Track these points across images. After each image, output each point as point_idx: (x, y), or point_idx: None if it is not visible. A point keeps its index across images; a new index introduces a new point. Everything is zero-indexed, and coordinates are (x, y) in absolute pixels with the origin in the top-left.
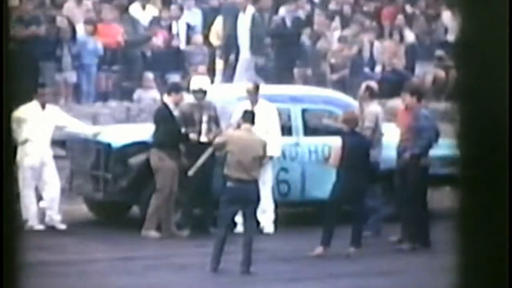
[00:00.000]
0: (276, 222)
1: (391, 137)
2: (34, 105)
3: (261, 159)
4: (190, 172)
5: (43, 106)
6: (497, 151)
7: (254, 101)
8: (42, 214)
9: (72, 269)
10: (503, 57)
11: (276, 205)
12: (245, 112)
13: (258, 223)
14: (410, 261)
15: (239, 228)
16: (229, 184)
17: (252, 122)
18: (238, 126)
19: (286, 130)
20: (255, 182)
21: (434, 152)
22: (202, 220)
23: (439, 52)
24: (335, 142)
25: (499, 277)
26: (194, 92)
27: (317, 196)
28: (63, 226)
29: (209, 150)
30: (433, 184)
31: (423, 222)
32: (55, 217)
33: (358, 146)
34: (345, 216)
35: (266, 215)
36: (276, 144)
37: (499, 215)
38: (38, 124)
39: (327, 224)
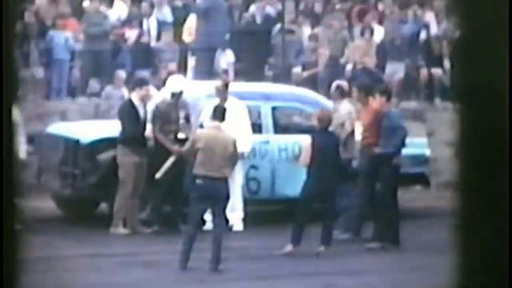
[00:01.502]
0: (245, 220)
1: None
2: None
3: (231, 157)
4: (158, 175)
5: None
6: (497, 152)
7: (223, 98)
8: None
9: (39, 266)
10: (503, 57)
11: (245, 203)
12: (215, 108)
13: (227, 221)
14: (380, 260)
15: (208, 226)
16: (198, 181)
17: (222, 118)
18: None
19: (257, 127)
20: (225, 180)
21: (405, 151)
22: (172, 217)
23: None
24: (305, 140)
25: (497, 276)
26: (173, 94)
27: (287, 194)
28: None
29: (175, 154)
30: (403, 183)
31: (393, 222)
32: None
33: (328, 144)
34: (315, 214)
35: (235, 213)
36: (246, 140)
37: (498, 216)
38: None
39: (297, 223)
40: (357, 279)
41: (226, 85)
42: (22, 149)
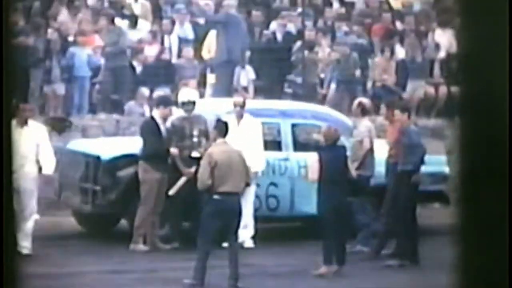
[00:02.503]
0: (262, 237)
1: (381, 153)
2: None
3: (246, 171)
4: (171, 192)
5: (25, 122)
6: (498, 164)
7: (240, 115)
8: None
9: (59, 282)
10: (503, 70)
11: (264, 220)
12: (217, 124)
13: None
14: (399, 278)
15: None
16: (215, 197)
17: (225, 133)
18: (214, 139)
19: (276, 145)
20: (238, 196)
21: (424, 168)
22: (191, 233)
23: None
24: (311, 157)
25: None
26: (183, 104)
27: (306, 211)
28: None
29: (187, 176)
30: (421, 201)
31: (412, 239)
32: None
33: (336, 159)
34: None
35: (246, 230)
36: (259, 159)
37: (500, 229)
38: (17, 142)
39: (325, 242)
40: None
41: (243, 102)
42: (51, 163)
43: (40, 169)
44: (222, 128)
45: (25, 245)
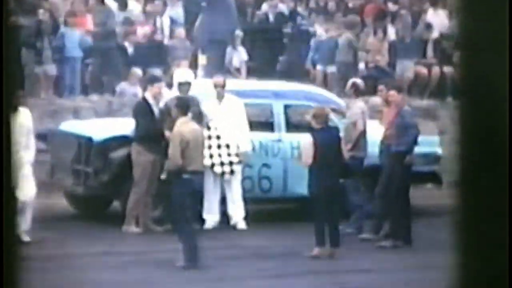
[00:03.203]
0: (247, 219)
1: (374, 134)
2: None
3: (203, 149)
4: (163, 176)
5: (15, 108)
6: (497, 151)
7: (221, 96)
8: None
9: (52, 264)
10: (503, 56)
11: (257, 201)
12: (178, 102)
13: (228, 219)
14: (391, 259)
15: (209, 224)
16: (186, 176)
17: (186, 112)
18: (176, 118)
19: (269, 126)
20: (203, 174)
21: (417, 149)
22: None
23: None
24: (305, 139)
25: (499, 276)
26: (181, 84)
27: (299, 192)
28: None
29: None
30: (414, 182)
31: (405, 220)
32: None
33: (330, 140)
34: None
35: (237, 212)
36: (245, 139)
37: (499, 215)
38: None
39: (317, 223)
40: (368, 277)
41: (224, 83)
42: (33, 148)
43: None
44: (183, 106)
45: (25, 231)
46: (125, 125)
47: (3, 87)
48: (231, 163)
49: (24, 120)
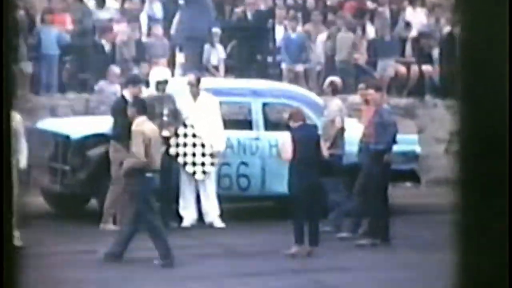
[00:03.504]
0: (223, 216)
1: (352, 132)
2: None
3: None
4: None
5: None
6: (496, 151)
7: (195, 94)
8: None
9: (28, 262)
10: (503, 56)
11: (235, 200)
12: (136, 102)
13: (202, 217)
14: (370, 257)
15: (186, 223)
16: (148, 175)
17: (144, 111)
18: (133, 117)
19: (247, 124)
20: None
21: (395, 148)
22: (162, 214)
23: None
24: (283, 136)
25: (499, 276)
26: (159, 83)
27: (277, 190)
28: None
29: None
30: (393, 180)
31: (383, 218)
32: None
33: (308, 137)
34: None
35: (212, 210)
36: (219, 138)
37: (499, 215)
38: None
39: (296, 222)
40: (346, 276)
41: (198, 80)
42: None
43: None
44: (140, 106)
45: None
46: (103, 123)
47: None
48: (203, 164)
49: (16, 124)
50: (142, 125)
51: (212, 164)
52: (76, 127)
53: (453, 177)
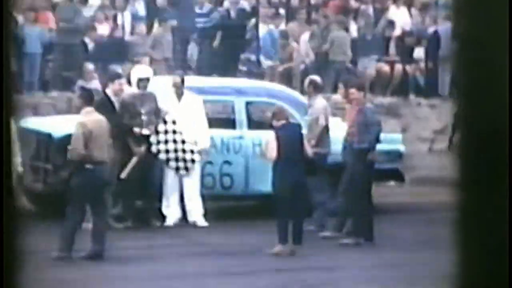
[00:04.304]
0: (218, 215)
1: (336, 131)
2: None
3: (108, 140)
4: (123, 175)
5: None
6: (496, 151)
7: (180, 94)
8: None
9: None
10: (503, 56)
11: (218, 199)
12: (82, 93)
13: (185, 216)
14: (354, 256)
15: (170, 221)
16: (88, 166)
17: (91, 102)
18: (79, 108)
19: (230, 123)
20: (106, 164)
21: (379, 147)
22: (144, 212)
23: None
24: (267, 135)
25: (499, 277)
26: (140, 80)
27: (261, 189)
28: None
29: (137, 155)
30: (377, 179)
31: (367, 217)
32: None
33: (292, 136)
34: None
35: (195, 208)
36: (204, 136)
37: (498, 215)
38: None
39: (279, 221)
40: (330, 275)
41: (182, 80)
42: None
43: None
44: (87, 96)
45: None
46: None
47: None
48: (185, 160)
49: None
50: (87, 115)
51: (193, 161)
52: (59, 125)
53: (452, 176)
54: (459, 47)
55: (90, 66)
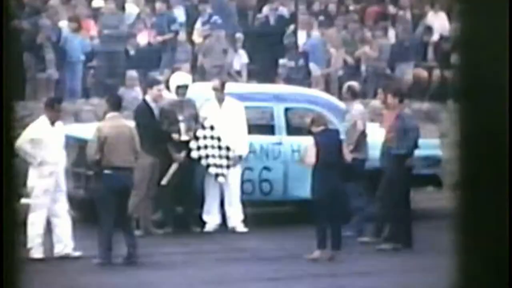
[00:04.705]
0: (257, 221)
1: (374, 137)
2: (43, 122)
3: (132, 146)
4: (163, 181)
5: (52, 123)
6: (496, 152)
7: (220, 99)
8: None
9: (52, 267)
10: (503, 57)
11: (258, 204)
12: (110, 98)
13: (225, 221)
14: (392, 261)
15: (209, 227)
16: (106, 171)
17: (119, 107)
18: (105, 113)
19: (269, 129)
20: (131, 170)
21: (417, 152)
22: (184, 218)
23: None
24: (308, 141)
25: (499, 278)
26: (179, 87)
27: (299, 195)
28: (77, 253)
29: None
30: (415, 184)
31: (405, 222)
32: (68, 250)
33: (331, 142)
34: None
35: (235, 214)
36: (242, 143)
37: (499, 216)
38: (51, 144)
39: (318, 226)
40: (368, 280)
41: (222, 85)
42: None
43: None
44: (113, 101)
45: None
46: None
47: (4, 91)
48: (221, 166)
49: (61, 136)
50: (109, 121)
51: (228, 166)
52: None
53: (454, 179)
54: (459, 48)
55: (133, 73)
